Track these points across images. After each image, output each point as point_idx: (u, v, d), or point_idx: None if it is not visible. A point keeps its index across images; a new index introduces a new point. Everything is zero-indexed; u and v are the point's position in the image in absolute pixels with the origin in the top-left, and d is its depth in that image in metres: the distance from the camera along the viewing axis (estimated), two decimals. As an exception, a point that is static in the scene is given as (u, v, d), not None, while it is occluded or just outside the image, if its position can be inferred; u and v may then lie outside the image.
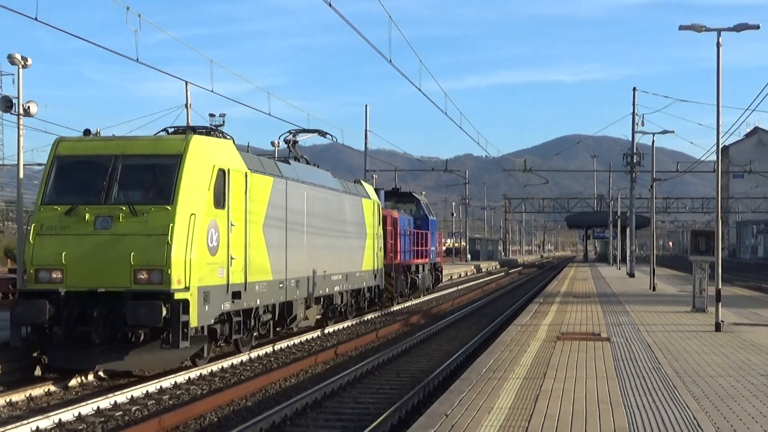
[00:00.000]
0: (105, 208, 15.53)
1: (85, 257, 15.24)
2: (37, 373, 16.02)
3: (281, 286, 19.64)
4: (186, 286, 15.19)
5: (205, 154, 16.29)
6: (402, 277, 33.96)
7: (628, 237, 57.49)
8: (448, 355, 19.69)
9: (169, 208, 15.35)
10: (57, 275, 15.28)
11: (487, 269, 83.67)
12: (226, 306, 16.67)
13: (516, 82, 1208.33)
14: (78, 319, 15.03)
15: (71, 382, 15.64)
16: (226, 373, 17.08)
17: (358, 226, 26.41)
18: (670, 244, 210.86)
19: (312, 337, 22.91)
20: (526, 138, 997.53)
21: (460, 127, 45.04)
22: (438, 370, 17.15)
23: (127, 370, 15.92)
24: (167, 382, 15.45)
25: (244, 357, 18.51)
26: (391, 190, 40.24)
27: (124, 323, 14.80)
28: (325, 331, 24.16)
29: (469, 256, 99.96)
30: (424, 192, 52.26)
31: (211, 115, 49.67)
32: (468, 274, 70.56)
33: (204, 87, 30.28)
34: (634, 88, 48.84)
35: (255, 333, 18.97)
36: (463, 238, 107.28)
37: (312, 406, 13.98)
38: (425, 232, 38.24)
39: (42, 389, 14.84)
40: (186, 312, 14.98)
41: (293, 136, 24.75)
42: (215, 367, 17.21)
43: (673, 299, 31.07)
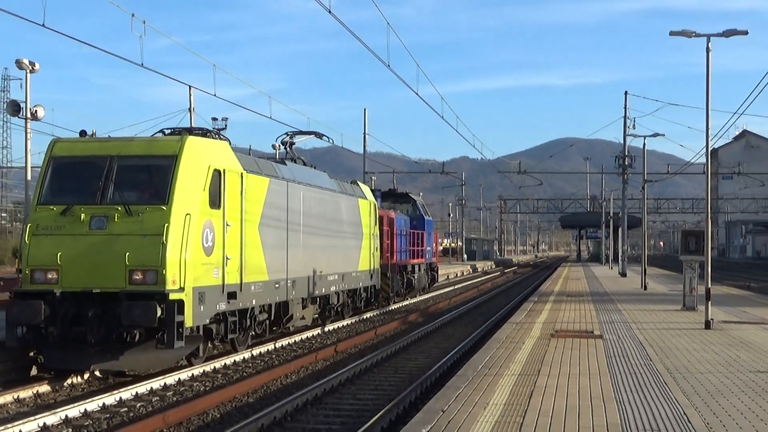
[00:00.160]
0: (100, 208, 15.24)
1: (81, 257, 14.94)
2: (34, 372, 15.75)
3: (277, 286, 19.39)
4: (181, 286, 14.91)
5: (200, 155, 16.02)
6: (398, 276, 33.73)
7: (620, 237, 57.56)
8: (445, 353, 19.68)
9: (164, 208, 15.07)
10: (52, 276, 14.97)
11: (483, 269, 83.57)
12: (222, 306, 16.41)
13: (511, 86, 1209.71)
14: (73, 320, 14.76)
15: (68, 381, 15.36)
16: (228, 370, 17.06)
17: (354, 227, 26.18)
18: (661, 244, 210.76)
19: (312, 334, 22.89)
20: (521, 141, 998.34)
21: (457, 131, 45.31)
22: (435, 367, 17.16)
23: (122, 370, 15.62)
24: (171, 379, 15.43)
25: (246, 354, 18.46)
26: (387, 190, 39.97)
27: (119, 323, 14.55)
28: (325, 329, 24.14)
29: (465, 256, 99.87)
30: (421, 193, 52.29)
31: (214, 119, 49.68)
32: (464, 274, 70.52)
33: (207, 91, 30.18)
34: (626, 92, 48.96)
35: (251, 333, 18.74)
36: (459, 238, 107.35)
37: (312, 402, 13.97)
38: (421, 232, 38.00)
39: (46, 387, 14.80)
40: (181, 312, 14.70)
41: (290, 138, 24.55)
42: (218, 364, 17.18)
43: (664, 298, 31.08)
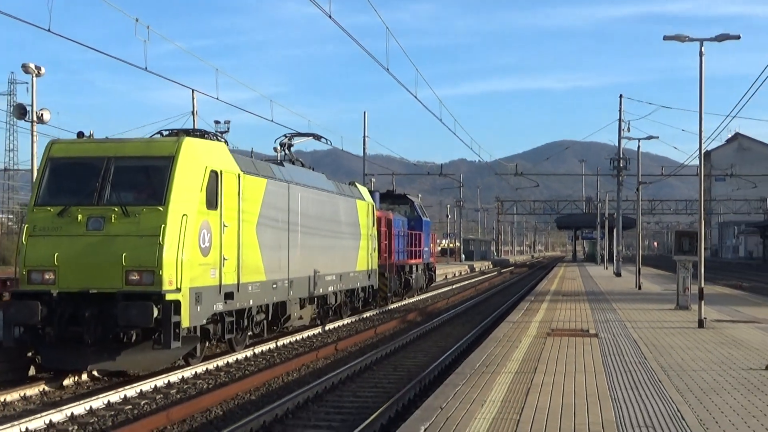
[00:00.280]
0: (97, 209, 15.00)
1: (77, 258, 14.71)
2: (32, 373, 15.55)
3: (275, 286, 19.17)
4: (177, 286, 14.68)
5: (197, 156, 15.79)
6: (396, 276, 33.58)
7: (615, 238, 57.54)
8: (443, 351, 19.67)
9: (160, 209, 14.81)
10: (49, 276, 14.74)
11: (480, 269, 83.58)
12: (219, 306, 16.19)
13: (507, 89, 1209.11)
14: (70, 320, 14.54)
15: (71, 380, 15.22)
16: (231, 368, 17.03)
17: (352, 227, 25.98)
18: (655, 244, 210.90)
19: (313, 333, 22.87)
20: (518, 143, 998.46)
21: (455, 133, 45.30)
22: (433, 365, 17.14)
23: (119, 370, 15.37)
24: (174, 377, 15.40)
25: (248, 352, 18.42)
26: (385, 192, 39.79)
27: (116, 324, 14.32)
28: (326, 327, 24.11)
29: (463, 256, 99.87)
30: (420, 195, 52.28)
31: (217, 122, 49.63)
32: (462, 274, 70.50)
33: (210, 95, 30.29)
34: (621, 96, 48.80)
35: (249, 332, 18.54)
36: (457, 239, 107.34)
37: (313, 400, 13.95)
38: (419, 233, 37.85)
39: (53, 385, 14.78)
40: (177, 312, 14.48)
41: (289, 139, 24.31)
42: (221, 362, 17.15)
43: (658, 297, 31.07)
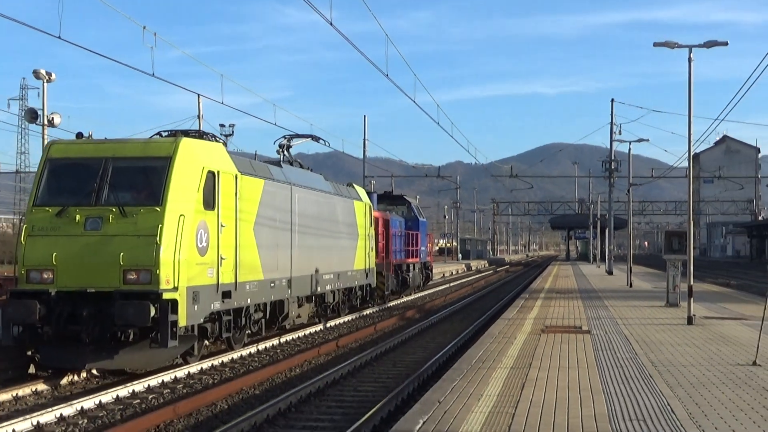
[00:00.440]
0: (95, 209, 14.70)
1: (75, 258, 14.44)
2: (31, 371, 15.26)
3: (273, 285, 18.90)
4: (175, 286, 14.39)
5: (195, 157, 15.50)
6: (393, 275, 33.40)
7: (607, 237, 57.52)
8: (441, 347, 19.67)
9: (158, 209, 14.53)
10: (48, 275, 14.47)
11: (477, 267, 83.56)
12: (216, 305, 15.91)
13: (503, 94, 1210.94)
14: (68, 319, 14.27)
15: (75, 378, 15.01)
16: (235, 364, 17.04)
17: (349, 227, 25.75)
18: (646, 244, 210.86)
19: (314, 330, 22.87)
20: (513, 146, 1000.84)
21: (452, 136, 45.44)
22: (431, 360, 17.15)
23: (117, 368, 15.06)
24: (181, 372, 15.40)
25: (252, 349, 18.41)
26: (383, 193, 39.60)
27: (114, 323, 14.07)
28: (327, 324, 24.12)
29: (460, 256, 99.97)
30: (418, 196, 52.23)
31: (222, 126, 49.65)
32: (459, 272, 70.49)
33: (215, 99, 30.27)
34: (612, 100, 48.79)
35: (247, 331, 18.34)
36: (454, 238, 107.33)
37: (315, 394, 13.97)
38: (416, 233, 37.68)
39: (64, 380, 14.78)
40: (174, 312, 14.19)
41: (288, 141, 23.99)
42: (225, 358, 17.15)
43: (648, 295, 31.07)
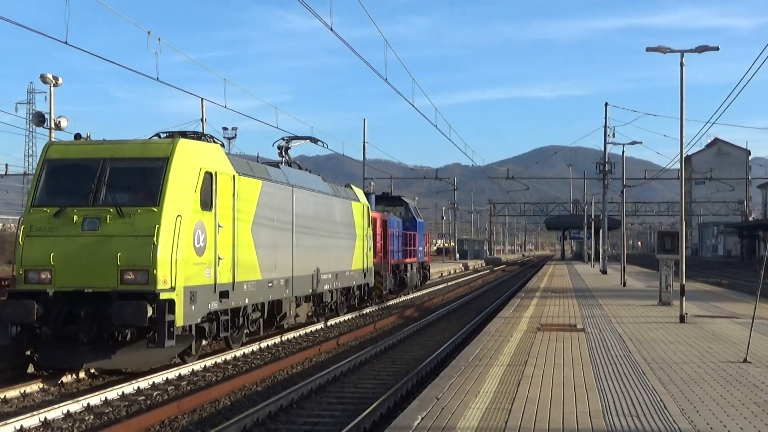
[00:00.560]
0: (93, 209, 14.46)
1: (73, 258, 14.21)
2: (30, 370, 15.12)
3: (270, 285, 18.63)
4: (172, 286, 14.14)
5: (192, 157, 15.27)
6: (391, 275, 33.25)
7: (601, 237, 57.59)
8: (439, 345, 19.66)
9: (155, 209, 14.30)
10: (45, 276, 14.24)
11: (474, 267, 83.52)
12: (214, 305, 15.67)
13: (499, 98, 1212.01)
14: (66, 319, 14.04)
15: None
16: (238, 362, 17.04)
17: (347, 227, 25.52)
18: (639, 244, 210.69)
19: (316, 329, 22.87)
20: (509, 148, 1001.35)
21: (449, 139, 45.42)
22: (430, 358, 17.13)
23: (114, 368, 14.86)
24: (185, 370, 15.41)
25: (255, 347, 18.40)
26: (381, 194, 39.39)
27: (111, 323, 13.83)
28: (328, 323, 24.11)
29: (457, 255, 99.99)
30: (416, 197, 52.24)
31: (225, 129, 49.69)
32: (456, 272, 70.48)
33: (218, 103, 30.20)
34: (606, 104, 48.92)
35: (246, 330, 18.13)
36: (452, 239, 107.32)
37: (316, 391, 13.97)
38: (413, 233, 37.51)
39: (69, 378, 14.76)
40: (172, 312, 13.97)
41: (286, 142, 23.73)
42: (229, 356, 17.14)
43: (641, 294, 31.09)
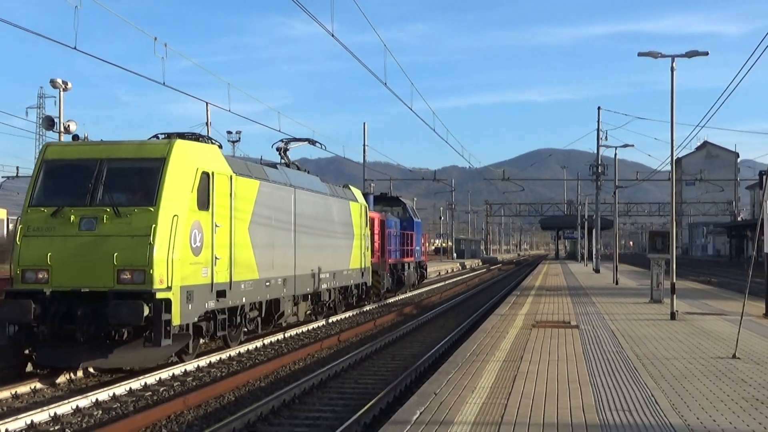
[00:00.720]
0: (90, 209, 14.21)
1: (70, 258, 13.97)
2: (29, 369, 14.94)
3: (268, 284, 18.38)
4: (168, 285, 13.89)
5: (189, 158, 15.03)
6: (389, 274, 33.13)
7: (594, 237, 57.59)
8: (437, 341, 19.66)
9: (151, 209, 14.05)
10: (43, 275, 14.01)
11: (471, 266, 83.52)
12: (211, 304, 15.41)
13: (495, 102, 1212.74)
14: (63, 318, 13.83)
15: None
16: (242, 358, 17.03)
17: (345, 227, 25.35)
18: (631, 243, 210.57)
19: (317, 326, 22.87)
20: (505, 151, 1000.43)
21: (447, 142, 45.49)
22: (428, 354, 17.14)
23: (111, 367, 14.60)
24: (191, 366, 15.40)
25: (258, 343, 18.37)
26: (379, 194, 39.22)
27: (108, 322, 13.60)
28: (329, 320, 24.11)
29: (455, 255, 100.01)
30: (415, 198, 52.22)
31: (229, 132, 49.63)
32: (454, 270, 70.46)
33: (222, 107, 30.26)
34: (599, 107, 48.86)
35: (243, 329, 17.93)
36: (449, 238, 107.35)
37: (318, 386, 13.96)
38: (410, 233, 37.32)
39: (78, 375, 14.75)
40: (168, 311, 13.74)
41: (285, 144, 23.60)
42: (233, 352, 17.13)
43: (633, 292, 31.07)
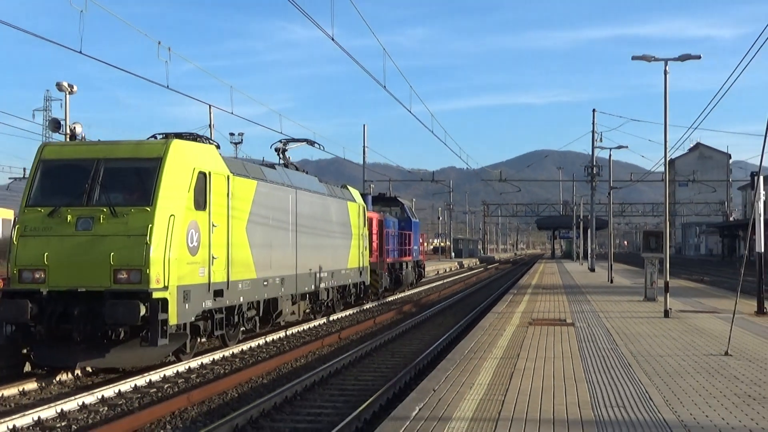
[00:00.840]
0: (86, 209, 13.99)
1: (67, 257, 13.76)
2: (27, 369, 14.77)
3: (266, 283, 18.13)
4: (165, 285, 13.69)
5: (186, 158, 14.82)
6: (387, 273, 33.04)
7: (589, 237, 57.55)
8: (436, 339, 19.66)
9: (148, 209, 13.82)
10: (39, 275, 13.78)
11: (469, 265, 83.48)
12: (208, 304, 15.16)
13: (493, 104, 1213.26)
14: (60, 318, 13.63)
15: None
16: (245, 355, 17.02)
17: (343, 227, 25.21)
18: (625, 243, 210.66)
19: (318, 324, 22.87)
20: (502, 152, 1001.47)
21: (445, 144, 45.33)
22: (427, 351, 17.13)
23: (107, 367, 14.37)
24: (194, 363, 15.39)
25: (261, 341, 18.36)
26: (377, 195, 39.19)
27: (104, 322, 13.40)
28: (330, 318, 24.10)
29: (453, 254, 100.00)
30: (414, 199, 52.20)
31: (231, 134, 49.63)
32: (452, 269, 70.47)
33: (225, 110, 30.22)
34: (594, 110, 48.89)
35: (242, 328, 17.78)
36: (447, 238, 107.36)
37: (319, 383, 13.96)
38: (408, 233, 37.26)
39: (82, 373, 14.75)
40: (165, 310, 13.52)
41: (283, 144, 23.45)
42: (236, 349, 17.12)
43: (628, 290, 31.08)
